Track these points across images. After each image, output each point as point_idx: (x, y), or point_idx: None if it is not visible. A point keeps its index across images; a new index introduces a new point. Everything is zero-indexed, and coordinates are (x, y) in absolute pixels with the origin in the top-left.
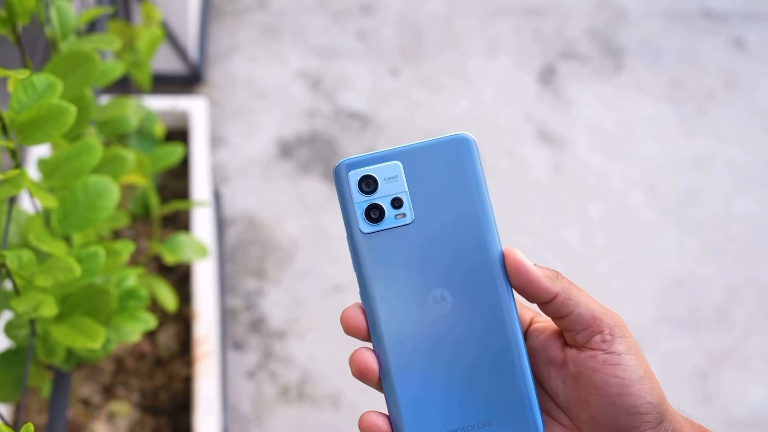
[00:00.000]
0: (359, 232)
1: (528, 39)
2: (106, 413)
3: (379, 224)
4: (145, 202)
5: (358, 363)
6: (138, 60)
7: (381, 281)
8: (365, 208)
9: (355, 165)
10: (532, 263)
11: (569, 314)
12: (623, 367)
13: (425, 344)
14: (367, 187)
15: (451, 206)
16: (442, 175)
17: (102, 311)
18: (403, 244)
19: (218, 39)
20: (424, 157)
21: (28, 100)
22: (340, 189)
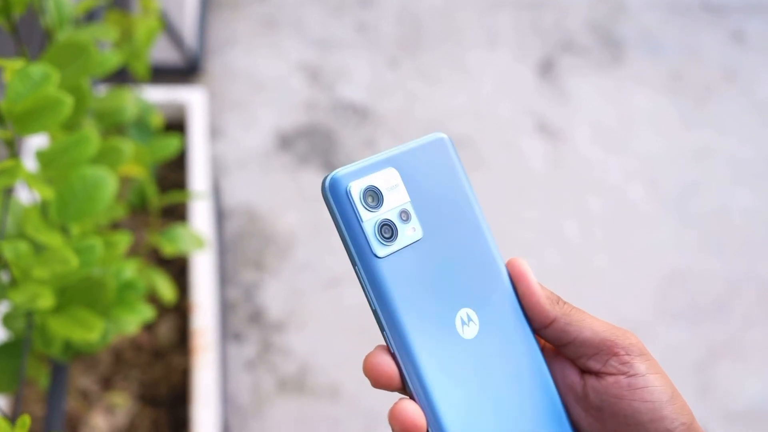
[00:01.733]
0: (374, 258)
1: (527, 31)
2: (105, 405)
3: (392, 244)
4: (143, 193)
5: (405, 421)
6: (135, 50)
7: (407, 313)
8: (376, 227)
9: (352, 176)
10: (535, 280)
11: (573, 341)
12: (650, 390)
13: (466, 380)
14: (373, 201)
15: (450, 215)
16: (433, 180)
17: (99, 302)
18: (419, 263)
19: (217, 30)
20: (414, 161)
21: (24, 90)
22: (339, 206)
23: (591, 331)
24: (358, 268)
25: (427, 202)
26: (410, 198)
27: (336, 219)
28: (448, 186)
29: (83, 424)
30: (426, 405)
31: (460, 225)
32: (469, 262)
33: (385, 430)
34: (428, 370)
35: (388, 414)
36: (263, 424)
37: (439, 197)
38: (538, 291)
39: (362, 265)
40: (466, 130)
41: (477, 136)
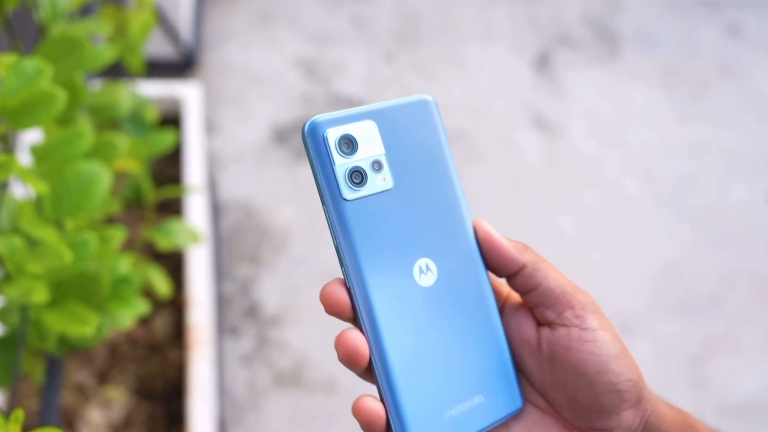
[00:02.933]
0: (341, 199)
1: (524, 26)
2: (101, 399)
3: (360, 189)
4: (138, 188)
5: (347, 346)
6: (130, 45)
7: (366, 253)
8: (347, 172)
9: (330, 123)
10: (500, 235)
11: (537, 287)
12: (599, 344)
13: (415, 321)
14: (347, 148)
15: (424, 171)
16: (412, 138)
17: (94, 297)
18: (386, 210)
19: (212, 24)
20: (394, 117)
21: (17, 84)
22: (316, 150)
23: (554, 281)
24: (326, 207)
25: (401, 157)
26: (385, 150)
27: (312, 161)
28: (426, 145)
29: (79, 419)
30: (372, 338)
31: (433, 182)
32: (435, 217)
33: None
34: (378, 307)
35: (334, 339)
36: (259, 418)
37: (415, 154)
38: (505, 242)
39: (330, 205)
40: (462, 124)
41: (473, 131)
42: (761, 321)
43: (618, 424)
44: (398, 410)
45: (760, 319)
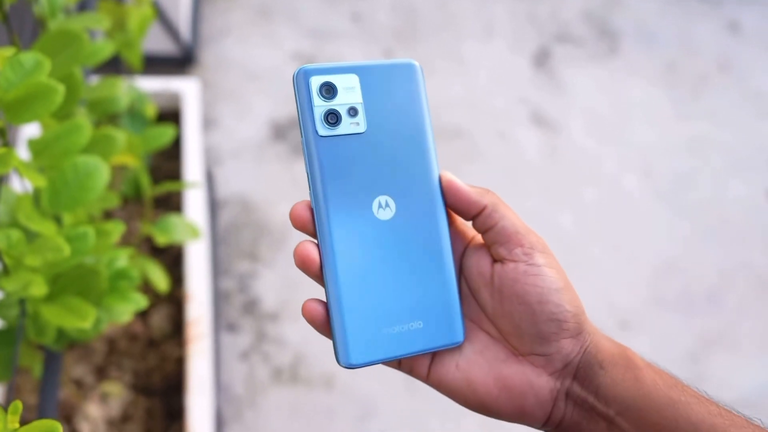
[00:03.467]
0: (315, 134)
1: (523, 21)
2: (99, 394)
3: (334, 129)
4: (136, 183)
5: (301, 253)
6: (128, 40)
7: (331, 182)
8: (324, 113)
9: (316, 72)
10: (464, 182)
11: (494, 225)
12: (542, 278)
13: (367, 246)
14: (327, 94)
15: (398, 123)
16: (392, 94)
17: (92, 291)
18: (355, 150)
19: (211, 20)
20: (378, 75)
21: (15, 78)
22: (300, 92)
23: (509, 222)
24: (304, 140)
25: (378, 108)
26: (363, 100)
27: (297, 102)
28: (405, 102)
29: (77, 413)
30: (325, 251)
31: (405, 135)
32: (401, 163)
33: (380, 421)
34: (334, 226)
35: (293, 251)
36: (257, 414)
37: (392, 107)
38: (466, 188)
39: (305, 138)
40: (461, 120)
41: (472, 127)
42: (759, 317)
43: (557, 350)
44: (340, 314)
45: (759, 315)
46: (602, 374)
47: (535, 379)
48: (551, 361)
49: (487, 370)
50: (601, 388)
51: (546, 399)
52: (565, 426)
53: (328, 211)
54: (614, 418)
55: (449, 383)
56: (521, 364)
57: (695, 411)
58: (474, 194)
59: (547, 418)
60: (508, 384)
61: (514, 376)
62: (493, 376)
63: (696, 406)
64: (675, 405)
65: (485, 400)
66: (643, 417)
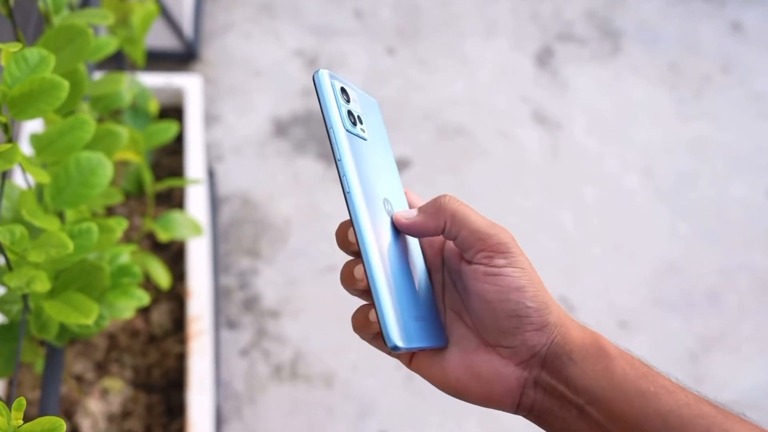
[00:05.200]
0: (343, 129)
1: (525, 20)
2: (100, 389)
3: (353, 128)
4: (138, 179)
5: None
6: (132, 36)
7: (357, 174)
8: (347, 112)
9: (335, 77)
10: (414, 214)
11: (457, 237)
12: (502, 278)
13: (388, 243)
14: (345, 97)
15: (380, 141)
16: (372, 116)
17: (95, 287)
18: (365, 152)
19: (213, 16)
20: (363, 98)
21: (20, 74)
22: (326, 90)
23: (468, 231)
24: (333, 132)
25: (369, 124)
26: (362, 113)
27: (324, 98)
28: (379, 126)
29: (78, 409)
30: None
31: (385, 151)
32: (388, 173)
33: (379, 419)
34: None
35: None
36: (257, 411)
37: (375, 127)
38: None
39: (334, 131)
40: (463, 118)
41: (474, 125)
42: (760, 317)
43: (521, 342)
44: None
45: (759, 316)
46: (571, 365)
47: (503, 368)
48: (517, 353)
49: (460, 359)
50: (571, 378)
51: (513, 387)
52: (536, 412)
53: (365, 208)
54: (584, 407)
55: (427, 369)
56: (489, 354)
57: (664, 402)
58: (429, 222)
59: (517, 405)
60: (476, 372)
61: (483, 365)
62: (464, 364)
63: (665, 397)
64: (644, 395)
65: (457, 387)
66: (613, 407)
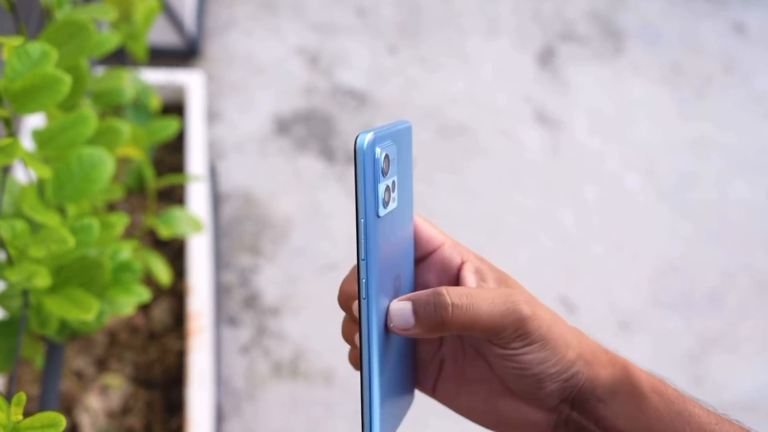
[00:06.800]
0: (375, 218)
1: (527, 19)
2: (99, 385)
3: (386, 208)
4: (140, 175)
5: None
6: (134, 32)
7: (378, 272)
8: (384, 189)
9: (380, 140)
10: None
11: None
12: (520, 357)
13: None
14: (387, 166)
15: (405, 192)
16: (403, 160)
17: (96, 283)
18: (388, 228)
19: (216, 13)
20: (399, 141)
21: (22, 68)
22: (367, 168)
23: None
24: (364, 224)
25: (400, 178)
26: (397, 172)
27: (364, 177)
28: (407, 167)
29: (78, 405)
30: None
31: (407, 201)
32: (406, 231)
33: None
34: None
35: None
36: (257, 408)
37: (403, 171)
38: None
39: (367, 223)
40: (464, 117)
41: (475, 124)
42: (760, 318)
43: (547, 395)
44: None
45: (759, 317)
46: (601, 405)
47: (531, 415)
48: (544, 402)
49: (485, 402)
50: (601, 420)
51: (544, 428)
52: None
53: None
54: None
55: (451, 404)
56: (516, 402)
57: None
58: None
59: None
60: (504, 417)
61: (510, 411)
62: (489, 407)
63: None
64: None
65: (485, 425)
66: None
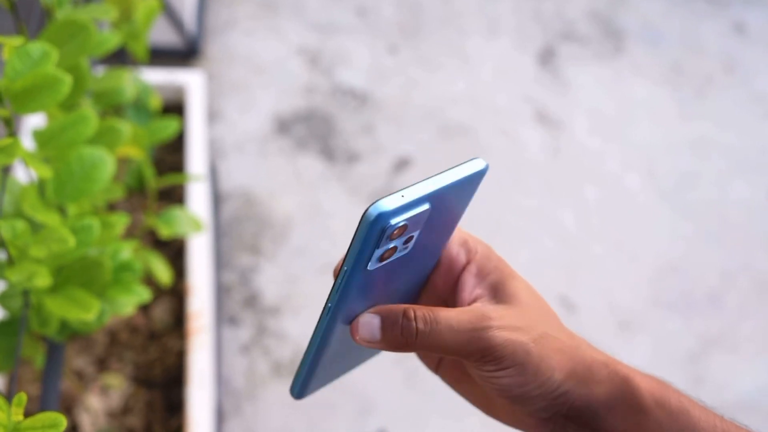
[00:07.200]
0: (364, 270)
1: (528, 19)
2: (100, 385)
3: (383, 262)
4: (140, 175)
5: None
6: (134, 31)
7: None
8: (383, 252)
9: (396, 214)
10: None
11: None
12: (496, 380)
13: None
14: (397, 234)
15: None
16: (449, 213)
17: (96, 283)
18: (389, 270)
19: (216, 12)
20: (450, 196)
21: (23, 68)
22: (370, 235)
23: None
24: (344, 273)
25: (431, 230)
26: (422, 228)
27: (360, 243)
28: (454, 213)
29: (78, 405)
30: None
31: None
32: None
33: (379, 417)
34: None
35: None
36: (257, 407)
37: (442, 225)
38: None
39: (349, 272)
40: (464, 117)
41: (475, 124)
42: (760, 318)
43: (536, 412)
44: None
45: (760, 317)
46: (599, 420)
47: (526, 418)
48: (536, 415)
49: (482, 399)
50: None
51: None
52: None
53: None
54: None
55: (453, 387)
56: (509, 408)
57: None
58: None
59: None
60: (501, 416)
61: (506, 415)
62: (488, 402)
63: None
64: None
65: (487, 414)
66: None
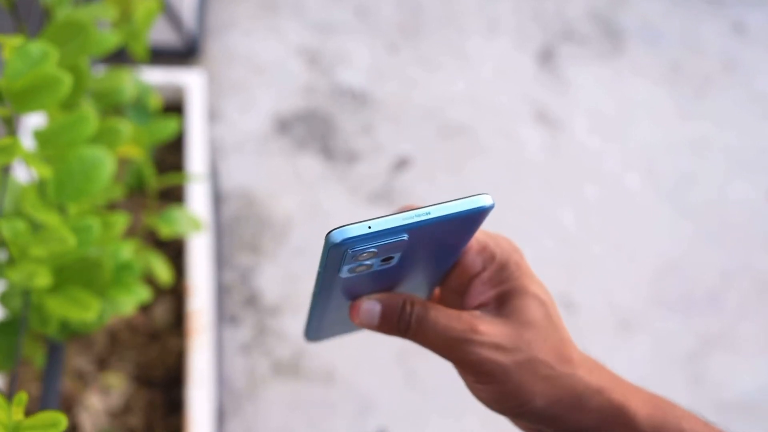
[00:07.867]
0: (337, 277)
1: (527, 19)
2: (100, 385)
3: (360, 274)
4: (140, 175)
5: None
6: (134, 31)
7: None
8: (355, 266)
9: (358, 242)
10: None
11: None
12: (479, 388)
13: None
14: (367, 257)
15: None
16: (439, 238)
17: (96, 283)
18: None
19: (216, 12)
20: (439, 228)
21: (23, 67)
22: (332, 256)
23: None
24: (318, 273)
25: (424, 251)
26: (403, 253)
27: (323, 257)
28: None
29: (78, 405)
30: None
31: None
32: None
33: (379, 416)
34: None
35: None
36: (257, 407)
37: (438, 248)
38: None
39: (322, 277)
40: (464, 117)
41: (475, 124)
42: (760, 318)
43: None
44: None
45: (760, 317)
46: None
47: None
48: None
49: None
50: None
51: None
52: None
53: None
54: None
55: None
56: None
57: None
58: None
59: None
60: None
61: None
62: None
63: None
64: None
65: None
66: None
